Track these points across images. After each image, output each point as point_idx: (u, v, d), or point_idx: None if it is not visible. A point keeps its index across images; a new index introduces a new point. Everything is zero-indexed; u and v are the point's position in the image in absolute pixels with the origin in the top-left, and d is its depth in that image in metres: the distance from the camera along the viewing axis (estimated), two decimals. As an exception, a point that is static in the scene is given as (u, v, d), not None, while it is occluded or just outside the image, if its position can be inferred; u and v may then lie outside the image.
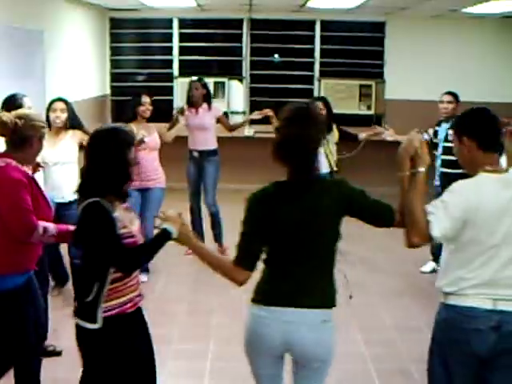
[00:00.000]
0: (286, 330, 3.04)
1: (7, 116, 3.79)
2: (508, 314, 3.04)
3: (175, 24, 11.25)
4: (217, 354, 5.17)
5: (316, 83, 11.30)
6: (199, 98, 7.54)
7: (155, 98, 7.31)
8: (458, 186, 3.10)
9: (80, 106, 7.43)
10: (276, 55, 10.44)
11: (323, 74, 11.29)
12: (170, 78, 11.31)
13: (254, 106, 11.21)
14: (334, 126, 7.68)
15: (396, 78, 11.02)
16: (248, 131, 10.27)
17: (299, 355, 3.13)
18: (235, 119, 10.71)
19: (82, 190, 3.27)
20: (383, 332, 5.72)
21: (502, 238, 3.03)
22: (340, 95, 11.17)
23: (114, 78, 11.35)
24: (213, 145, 7.65)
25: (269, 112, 7.31)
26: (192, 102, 7.53)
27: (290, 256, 3.08)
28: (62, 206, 5.68)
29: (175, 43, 11.30)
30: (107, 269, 3.19)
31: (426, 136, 6.93)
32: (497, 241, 3.02)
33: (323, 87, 11.22)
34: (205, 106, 7.57)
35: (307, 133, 2.99)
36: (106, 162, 3.21)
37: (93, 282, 3.20)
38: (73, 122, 5.88)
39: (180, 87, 10.98)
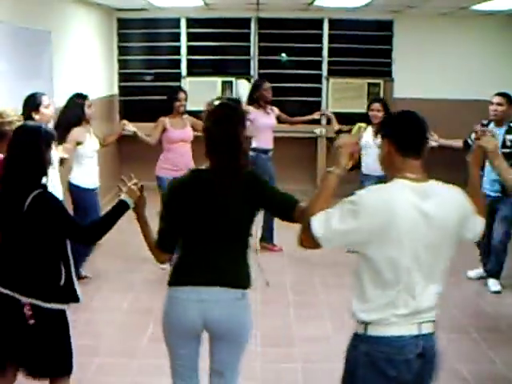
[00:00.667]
0: (201, 308, 3.24)
1: None
2: (429, 336, 2.92)
3: (183, 23, 11.24)
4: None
5: (324, 82, 11.28)
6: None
7: (163, 97, 7.35)
8: (370, 189, 2.91)
9: (88, 106, 7.45)
10: (283, 54, 10.41)
11: (331, 73, 11.26)
12: (177, 77, 11.30)
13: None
14: None
15: (404, 76, 10.97)
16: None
17: (215, 331, 3.31)
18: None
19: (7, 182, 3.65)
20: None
21: (415, 256, 2.81)
22: (348, 94, 11.16)
23: (122, 77, 11.36)
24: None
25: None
26: (264, 102, 7.88)
27: (202, 240, 3.29)
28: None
29: (183, 43, 11.29)
30: (66, 246, 3.64)
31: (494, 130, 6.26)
32: (412, 258, 2.81)
33: (331, 86, 11.20)
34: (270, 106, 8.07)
35: (224, 130, 3.27)
36: (25, 157, 3.62)
37: (58, 263, 3.60)
38: None
39: (188, 87, 10.99)
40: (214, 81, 11.05)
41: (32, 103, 5.58)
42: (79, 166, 6.55)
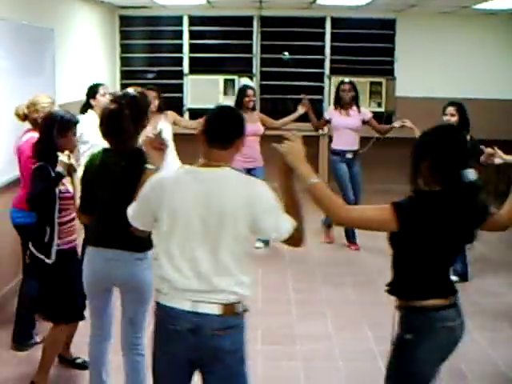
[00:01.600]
0: (108, 266, 3.85)
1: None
2: (206, 316, 2.96)
3: (185, 21, 11.24)
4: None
5: (326, 81, 11.29)
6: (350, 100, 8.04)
7: (165, 95, 7.35)
8: (161, 175, 3.24)
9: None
10: (285, 53, 10.43)
11: (333, 72, 11.27)
12: (180, 75, 11.31)
13: (264, 104, 11.23)
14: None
15: (406, 75, 10.98)
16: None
17: (120, 285, 3.91)
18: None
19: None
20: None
21: (194, 236, 2.98)
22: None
23: (124, 75, 11.36)
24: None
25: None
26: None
27: (104, 210, 3.87)
28: None
29: (185, 40, 11.29)
30: (54, 215, 4.31)
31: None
32: (191, 238, 2.97)
33: (333, 84, 11.19)
34: (354, 108, 8.08)
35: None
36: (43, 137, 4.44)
37: (45, 226, 4.33)
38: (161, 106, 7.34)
39: (190, 84, 11.00)
40: (216, 79, 11.04)
41: (91, 91, 6.43)
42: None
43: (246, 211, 2.95)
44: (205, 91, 10.86)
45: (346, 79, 8.17)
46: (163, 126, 7.23)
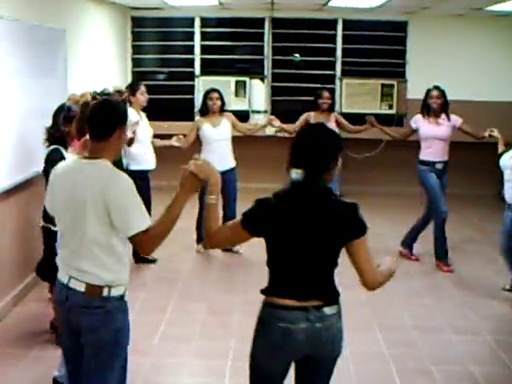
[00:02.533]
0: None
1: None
2: (74, 291, 3.24)
3: (197, 23, 11.26)
4: (238, 353, 5.15)
5: (338, 82, 11.27)
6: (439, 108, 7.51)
7: (177, 96, 7.39)
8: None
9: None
10: (296, 54, 10.42)
11: (345, 74, 11.26)
12: (191, 76, 11.32)
13: (275, 105, 11.23)
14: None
15: (418, 77, 10.89)
16: (269, 130, 10.25)
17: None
18: (256, 118, 10.81)
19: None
20: (404, 332, 5.68)
21: (69, 221, 3.25)
22: (361, 94, 11.15)
23: (136, 76, 11.38)
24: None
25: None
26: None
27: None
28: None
29: (197, 42, 11.31)
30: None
31: None
32: (67, 223, 3.27)
33: (345, 86, 11.20)
34: (443, 116, 7.53)
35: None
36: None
37: None
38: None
39: (201, 86, 11.00)
40: (227, 80, 11.04)
41: (131, 89, 7.11)
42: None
43: (102, 201, 3.13)
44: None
45: (434, 86, 7.61)
46: (225, 125, 7.64)
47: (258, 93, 11.31)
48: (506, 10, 9.81)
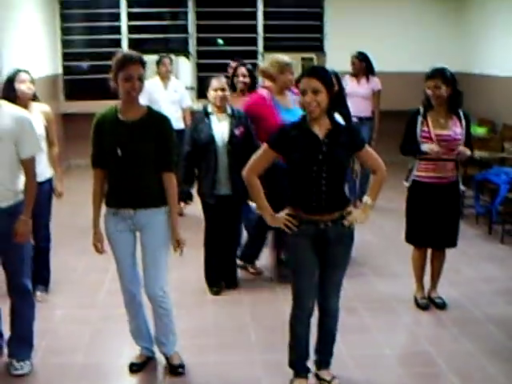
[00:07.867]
0: None
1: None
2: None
3: (123, 4, 11.62)
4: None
5: (260, 57, 11.81)
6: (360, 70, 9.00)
7: (104, 76, 7.70)
8: None
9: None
10: (220, 40, 10.85)
11: (267, 49, 11.80)
12: (119, 56, 11.58)
13: (201, 82, 11.66)
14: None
15: (337, 50, 11.23)
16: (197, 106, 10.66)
17: None
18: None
19: None
20: (409, 336, 5.33)
21: None
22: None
23: (66, 57, 11.70)
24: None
25: None
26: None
27: None
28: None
29: (123, 22, 11.67)
30: None
31: None
32: None
33: (266, 61, 11.64)
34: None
35: None
36: None
37: None
38: None
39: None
40: (154, 58, 11.34)
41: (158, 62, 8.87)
42: None
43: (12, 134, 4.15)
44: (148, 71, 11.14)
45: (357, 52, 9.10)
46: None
47: (185, 70, 11.79)
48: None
